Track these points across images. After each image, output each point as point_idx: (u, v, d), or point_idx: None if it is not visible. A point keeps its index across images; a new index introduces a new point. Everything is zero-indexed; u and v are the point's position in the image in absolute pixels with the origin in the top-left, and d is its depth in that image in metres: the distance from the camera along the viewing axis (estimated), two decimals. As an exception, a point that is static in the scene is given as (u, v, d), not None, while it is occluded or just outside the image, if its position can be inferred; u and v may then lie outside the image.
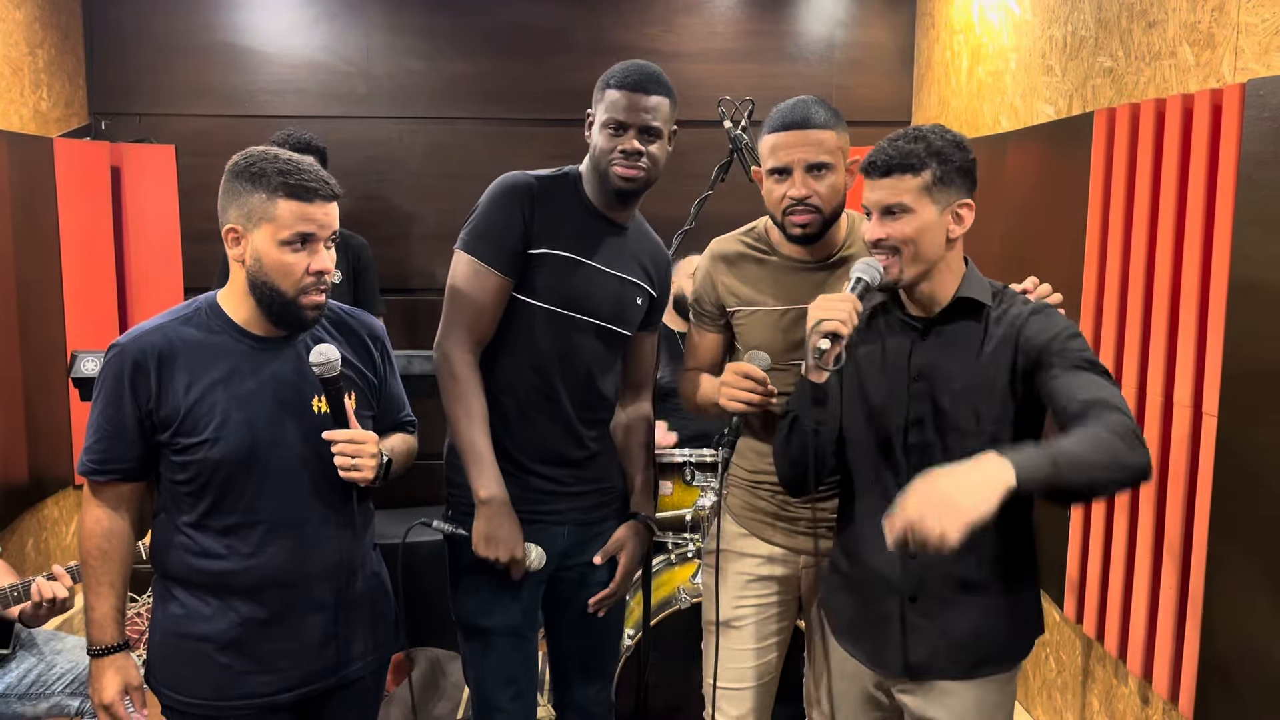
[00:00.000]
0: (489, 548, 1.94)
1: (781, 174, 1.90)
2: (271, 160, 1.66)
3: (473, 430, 1.95)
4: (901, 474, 1.71)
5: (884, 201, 1.66)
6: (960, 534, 1.33)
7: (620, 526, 2.13)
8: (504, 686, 2.07)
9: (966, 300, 1.69)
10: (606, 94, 1.94)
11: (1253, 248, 1.96)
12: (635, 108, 1.92)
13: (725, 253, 2.07)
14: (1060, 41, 2.88)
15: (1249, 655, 1.99)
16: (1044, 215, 2.87)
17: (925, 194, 1.64)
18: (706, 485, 2.99)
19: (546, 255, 1.97)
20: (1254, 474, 1.97)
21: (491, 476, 1.94)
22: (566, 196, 2.02)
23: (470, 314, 1.97)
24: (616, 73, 1.95)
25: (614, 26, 4.08)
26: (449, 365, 1.96)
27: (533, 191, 1.98)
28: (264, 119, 3.98)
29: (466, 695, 3.30)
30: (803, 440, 1.73)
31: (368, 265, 3.56)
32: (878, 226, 1.66)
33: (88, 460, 1.72)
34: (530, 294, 1.98)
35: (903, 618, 1.72)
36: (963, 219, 1.68)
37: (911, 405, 1.70)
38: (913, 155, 1.64)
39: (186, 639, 1.73)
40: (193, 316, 1.75)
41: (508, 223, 1.96)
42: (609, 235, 2.03)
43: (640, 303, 2.09)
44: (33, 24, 3.56)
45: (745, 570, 2.07)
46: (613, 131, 1.93)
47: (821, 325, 1.60)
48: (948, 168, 1.65)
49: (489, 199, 2.00)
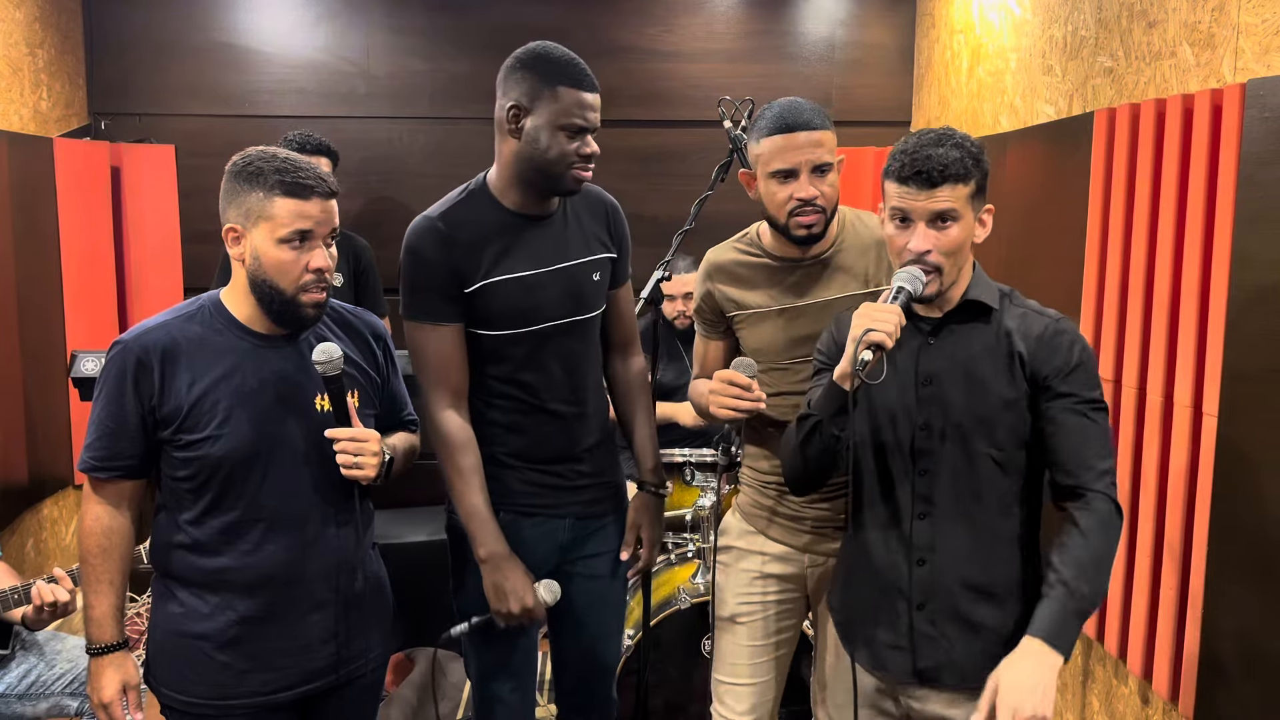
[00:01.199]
0: (499, 601, 1.93)
1: (787, 176, 1.88)
2: (268, 159, 1.67)
3: (465, 489, 1.94)
4: (910, 479, 1.70)
5: (936, 209, 1.60)
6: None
7: (632, 501, 2.14)
8: (504, 679, 2.07)
9: (974, 302, 1.68)
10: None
11: (1253, 248, 1.96)
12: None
13: (720, 261, 2.07)
14: (1060, 41, 2.88)
15: (1249, 655, 1.99)
16: (1044, 215, 2.87)
17: (969, 201, 1.62)
18: (706, 485, 2.99)
19: (484, 287, 1.93)
20: (1254, 474, 1.97)
21: (489, 533, 1.93)
22: (480, 215, 1.95)
23: (437, 371, 1.95)
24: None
25: (614, 26, 4.08)
26: (433, 426, 1.96)
27: (440, 233, 1.91)
28: (264, 119, 3.98)
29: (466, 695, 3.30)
30: (824, 444, 1.70)
31: (369, 267, 3.55)
32: (924, 238, 1.61)
33: (89, 457, 1.72)
34: (485, 326, 1.95)
35: (911, 625, 1.71)
36: (986, 225, 1.67)
37: (920, 410, 1.69)
38: (960, 164, 1.60)
39: (186, 638, 1.74)
40: (196, 314, 1.75)
41: (432, 276, 1.91)
42: (537, 231, 1.98)
43: (599, 276, 2.05)
44: (33, 24, 3.56)
45: (751, 567, 2.07)
46: (568, 135, 1.88)
47: (869, 336, 1.56)
48: (982, 174, 1.64)
49: (405, 258, 1.94)
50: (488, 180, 1.99)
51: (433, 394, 1.96)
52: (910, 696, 1.76)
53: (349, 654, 1.82)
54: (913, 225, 1.63)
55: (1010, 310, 1.69)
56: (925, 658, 1.71)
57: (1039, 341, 1.64)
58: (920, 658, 1.71)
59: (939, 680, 1.71)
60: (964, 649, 1.69)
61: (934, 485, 1.68)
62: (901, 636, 1.72)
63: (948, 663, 1.70)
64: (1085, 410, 1.62)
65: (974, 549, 1.68)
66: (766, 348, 1.99)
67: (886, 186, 1.66)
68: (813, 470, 1.76)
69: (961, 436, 1.66)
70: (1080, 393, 1.62)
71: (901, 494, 1.71)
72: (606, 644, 2.21)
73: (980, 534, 1.67)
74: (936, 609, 1.69)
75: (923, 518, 1.69)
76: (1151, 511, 2.30)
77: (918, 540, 1.70)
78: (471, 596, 2.03)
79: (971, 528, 1.67)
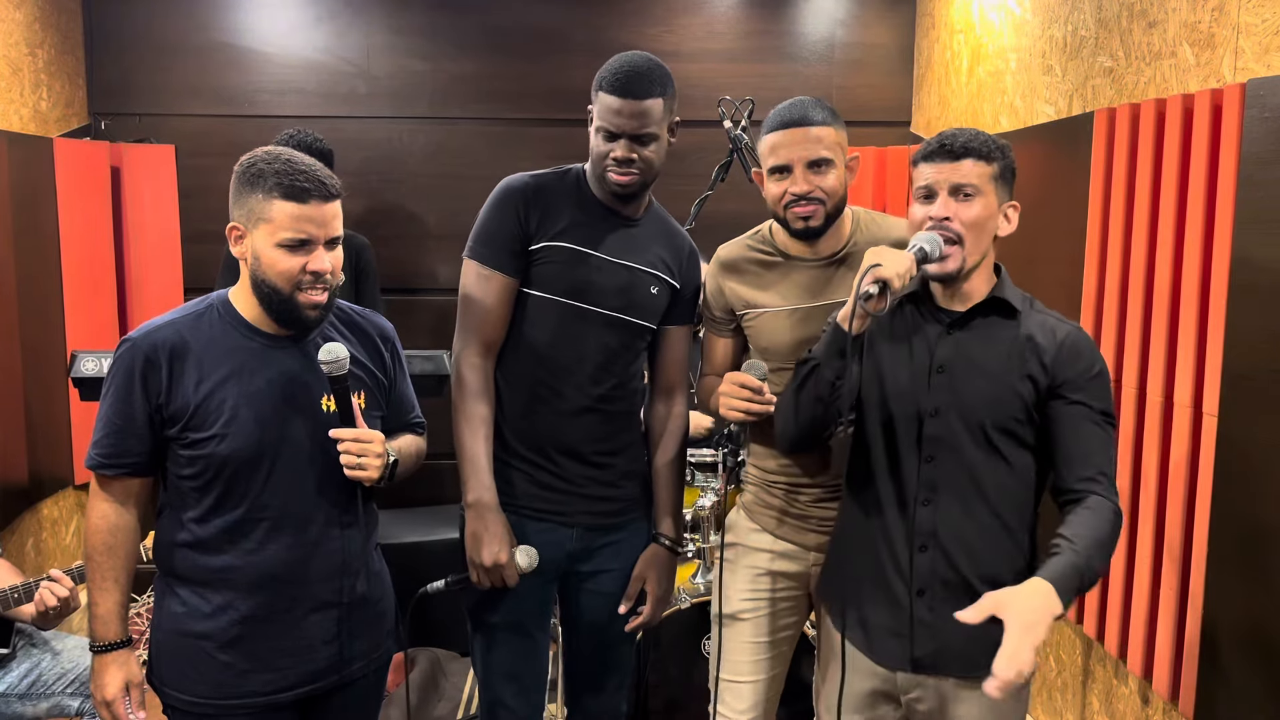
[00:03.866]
0: (473, 548, 1.94)
1: (782, 172, 1.91)
2: (271, 161, 1.66)
3: (469, 435, 1.97)
4: (917, 465, 1.71)
5: (955, 181, 1.66)
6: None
7: (641, 556, 2.12)
8: (507, 681, 2.07)
9: (999, 300, 1.70)
10: (599, 97, 1.93)
11: (1253, 248, 1.96)
12: (626, 114, 1.90)
13: (730, 258, 2.08)
14: (1060, 41, 2.88)
15: (1249, 655, 1.99)
16: (1044, 215, 2.87)
17: (992, 183, 1.67)
18: (706, 485, 2.99)
19: (547, 248, 1.98)
20: (1254, 474, 1.97)
21: (481, 482, 1.95)
22: (567, 191, 2.03)
23: (478, 317, 1.99)
24: (609, 73, 1.92)
25: (614, 26, 4.08)
26: (456, 371, 2.01)
27: (528, 191, 2.00)
28: (264, 119, 3.98)
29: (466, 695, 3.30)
30: (818, 390, 1.72)
31: (369, 266, 3.55)
32: (942, 207, 1.66)
33: (96, 454, 1.72)
34: (535, 286, 2.00)
35: (910, 612, 1.72)
36: (1010, 220, 1.71)
37: (931, 395, 1.70)
38: (984, 144, 1.66)
39: (188, 637, 1.74)
40: (205, 313, 1.75)
41: (504, 224, 1.99)
42: (616, 227, 2.03)
43: (656, 292, 2.07)
44: (33, 24, 3.56)
45: (755, 564, 2.07)
46: (605, 138, 1.93)
47: (876, 270, 1.60)
48: (1006, 164, 1.68)
49: (488, 204, 2.03)
50: (585, 167, 2.07)
51: (466, 341, 2.01)
52: (914, 696, 1.76)
53: (351, 655, 1.82)
54: (936, 199, 1.68)
55: (1032, 315, 1.71)
56: (922, 645, 1.71)
57: (1062, 346, 1.66)
58: (917, 645, 1.72)
59: (935, 668, 1.72)
60: (961, 637, 1.69)
61: (939, 473, 1.70)
62: (900, 623, 1.73)
63: (944, 650, 1.70)
64: (1097, 419, 1.64)
65: (976, 538, 1.69)
66: (775, 347, 1.99)
67: (914, 172, 1.72)
68: (803, 421, 1.77)
69: (970, 427, 1.67)
70: (1094, 402, 1.64)
71: (907, 479, 1.72)
72: (616, 656, 2.20)
73: (983, 524, 1.68)
74: (936, 596, 1.70)
75: (926, 504, 1.70)
76: (1151, 511, 2.31)
77: (920, 526, 1.70)
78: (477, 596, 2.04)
79: (974, 517, 1.68)
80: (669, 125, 1.98)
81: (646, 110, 1.91)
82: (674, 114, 1.98)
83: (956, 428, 1.68)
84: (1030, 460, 1.69)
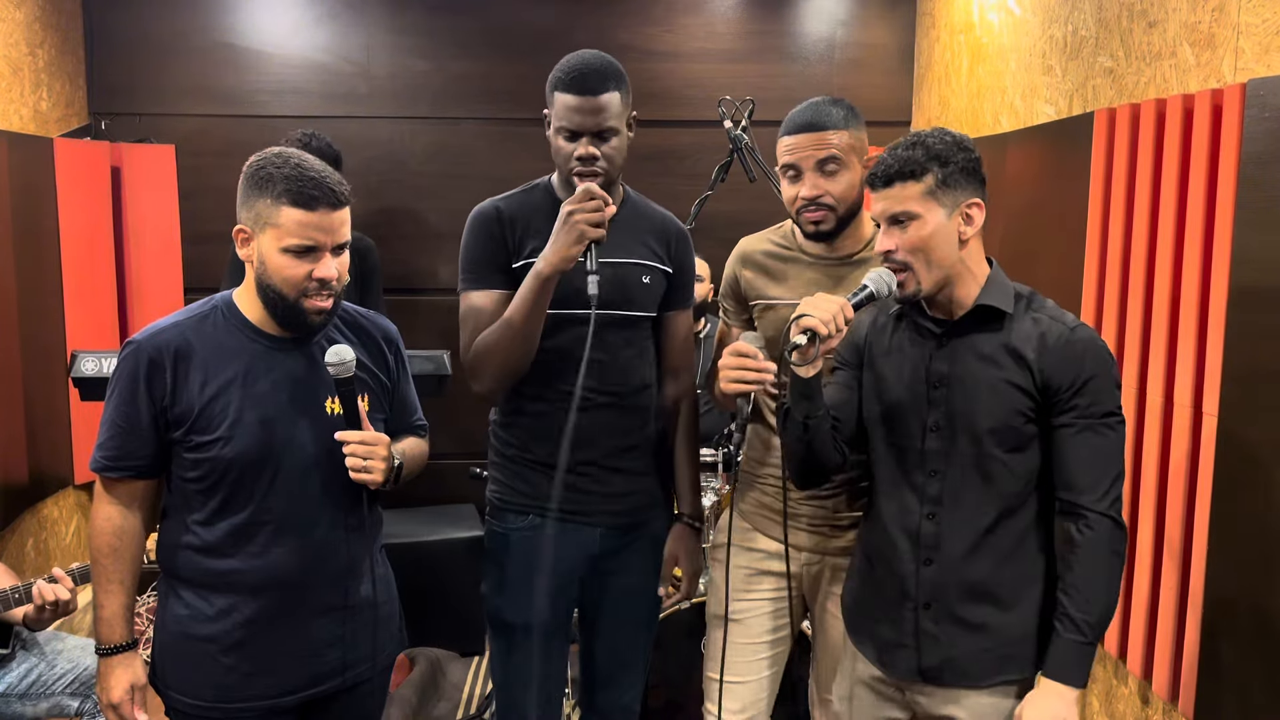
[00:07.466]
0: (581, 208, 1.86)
1: (793, 174, 1.93)
2: (281, 165, 1.65)
3: (517, 299, 1.92)
4: (921, 479, 1.71)
5: (889, 211, 1.66)
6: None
7: (669, 536, 2.16)
8: (524, 688, 2.07)
9: (986, 308, 1.68)
10: (556, 98, 1.92)
11: (1253, 248, 1.96)
12: (585, 110, 1.89)
13: (751, 250, 2.10)
14: (1060, 41, 2.88)
15: (1249, 655, 1.99)
16: (1044, 215, 2.87)
17: (930, 198, 1.64)
18: (706, 485, 2.99)
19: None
20: (1254, 474, 1.97)
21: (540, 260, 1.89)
22: (538, 205, 2.03)
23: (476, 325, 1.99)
24: (562, 73, 1.92)
25: (614, 26, 4.08)
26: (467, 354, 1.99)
27: (500, 214, 2.02)
28: (264, 119, 3.98)
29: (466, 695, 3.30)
30: (796, 432, 1.74)
31: (375, 268, 3.54)
32: (886, 238, 1.67)
33: (101, 456, 1.72)
34: None
35: (916, 624, 1.72)
36: (973, 219, 1.67)
37: (930, 412, 1.70)
38: (911, 161, 1.63)
39: (191, 640, 1.73)
40: (209, 315, 1.75)
41: (486, 246, 2.01)
42: None
43: (649, 281, 2.07)
44: (33, 24, 3.56)
45: (749, 565, 2.08)
46: (566, 138, 1.92)
47: (802, 320, 1.61)
48: (950, 169, 1.64)
49: (466, 235, 2.04)
50: (551, 178, 2.08)
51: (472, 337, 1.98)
52: (916, 694, 1.76)
53: (355, 658, 1.82)
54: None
55: (1026, 316, 1.68)
56: (929, 656, 1.72)
57: (1050, 353, 1.64)
58: (925, 656, 1.72)
59: (942, 679, 1.72)
60: (968, 649, 1.69)
61: (943, 486, 1.69)
62: (907, 635, 1.73)
63: (951, 662, 1.70)
64: (1094, 425, 1.63)
65: (981, 550, 1.68)
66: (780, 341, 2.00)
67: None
68: (796, 461, 1.79)
69: (971, 439, 1.67)
70: (1089, 407, 1.63)
71: (911, 494, 1.72)
72: (633, 657, 2.20)
73: (987, 536, 1.68)
74: (942, 609, 1.70)
75: (931, 518, 1.70)
76: (1151, 511, 2.31)
77: (925, 540, 1.71)
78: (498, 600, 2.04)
79: (979, 529, 1.68)
80: (627, 120, 1.98)
81: (604, 105, 1.90)
82: (630, 108, 1.98)
83: (956, 442, 1.68)
84: (1033, 466, 1.68)
